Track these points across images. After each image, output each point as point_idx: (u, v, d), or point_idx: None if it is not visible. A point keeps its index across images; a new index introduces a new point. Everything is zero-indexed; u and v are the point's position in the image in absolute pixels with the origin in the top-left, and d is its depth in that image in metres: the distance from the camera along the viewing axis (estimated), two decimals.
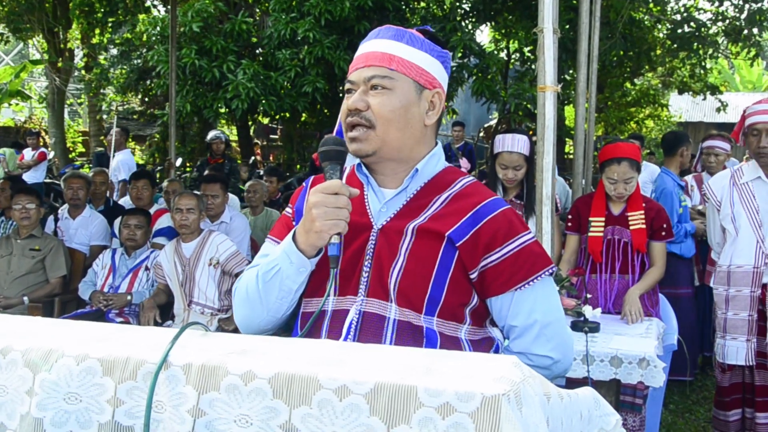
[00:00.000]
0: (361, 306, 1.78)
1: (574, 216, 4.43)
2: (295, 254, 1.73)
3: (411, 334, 1.75)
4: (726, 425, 4.25)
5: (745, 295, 3.99)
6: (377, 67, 1.78)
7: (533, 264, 1.80)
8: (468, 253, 1.77)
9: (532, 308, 1.80)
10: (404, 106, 1.78)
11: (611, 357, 3.46)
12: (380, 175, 1.87)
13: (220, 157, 10.12)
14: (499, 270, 1.78)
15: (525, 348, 1.82)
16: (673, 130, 8.19)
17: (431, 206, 1.82)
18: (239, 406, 1.14)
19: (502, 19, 12.59)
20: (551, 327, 1.82)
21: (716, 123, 23.34)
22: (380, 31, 1.86)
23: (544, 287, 1.83)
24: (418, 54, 1.82)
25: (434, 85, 1.84)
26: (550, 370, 1.84)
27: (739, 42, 13.59)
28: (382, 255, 1.79)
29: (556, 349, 1.82)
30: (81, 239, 6.48)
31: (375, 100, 1.77)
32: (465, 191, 1.85)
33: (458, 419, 1.04)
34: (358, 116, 1.77)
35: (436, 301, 1.76)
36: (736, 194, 4.08)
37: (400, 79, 1.78)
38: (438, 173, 1.89)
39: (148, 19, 13.66)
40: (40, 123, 22.53)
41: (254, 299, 1.82)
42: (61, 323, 1.43)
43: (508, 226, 1.80)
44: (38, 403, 1.22)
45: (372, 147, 1.79)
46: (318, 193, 1.68)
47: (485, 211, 1.80)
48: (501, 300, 1.81)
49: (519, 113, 11.96)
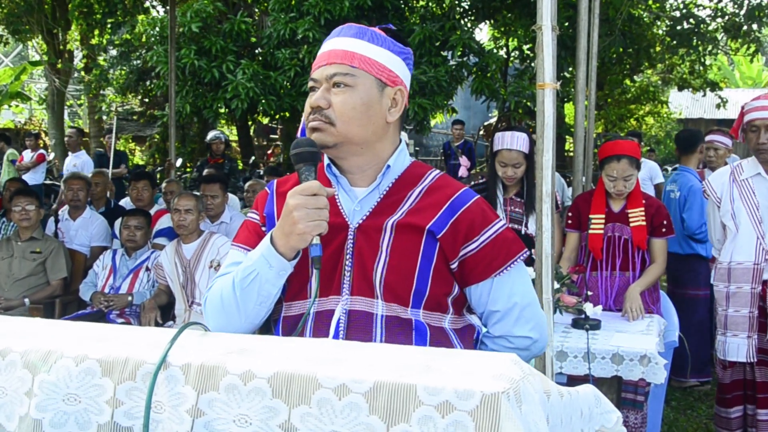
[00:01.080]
0: (346, 305, 1.79)
1: (574, 213, 4.43)
2: (275, 258, 1.73)
3: (400, 328, 1.78)
4: (728, 422, 4.25)
5: (745, 292, 3.98)
6: (339, 65, 1.80)
7: (509, 250, 1.86)
8: (449, 244, 1.81)
9: (511, 292, 1.87)
10: (366, 104, 1.80)
11: (612, 354, 3.46)
12: (349, 174, 1.89)
13: (220, 157, 10.13)
14: (478, 258, 1.83)
15: (506, 331, 1.90)
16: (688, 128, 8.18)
17: (406, 201, 1.85)
18: (238, 405, 1.14)
19: (501, 17, 12.58)
20: (529, 308, 1.90)
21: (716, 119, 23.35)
22: (342, 29, 1.89)
23: (519, 271, 1.89)
24: (380, 51, 1.84)
25: (396, 83, 1.86)
26: (530, 351, 1.93)
27: (738, 38, 13.57)
28: (363, 253, 1.81)
29: (534, 329, 1.91)
30: (81, 240, 6.48)
31: (337, 98, 1.79)
32: (436, 184, 1.89)
33: (458, 417, 1.04)
34: (320, 114, 1.79)
35: (422, 293, 1.80)
36: (736, 190, 4.07)
37: (362, 77, 1.80)
38: (406, 168, 1.92)
39: (147, 20, 13.64)
40: (40, 124, 22.54)
41: (231, 307, 1.81)
42: (59, 324, 1.43)
43: (482, 215, 1.86)
44: (37, 405, 1.22)
45: (332, 139, 1.80)
46: (297, 196, 1.68)
47: (460, 202, 1.85)
48: (480, 287, 1.87)
49: (519, 111, 11.94)
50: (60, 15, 15.78)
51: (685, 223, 5.61)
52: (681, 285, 5.73)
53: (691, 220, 5.56)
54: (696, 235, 5.59)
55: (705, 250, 5.63)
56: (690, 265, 5.72)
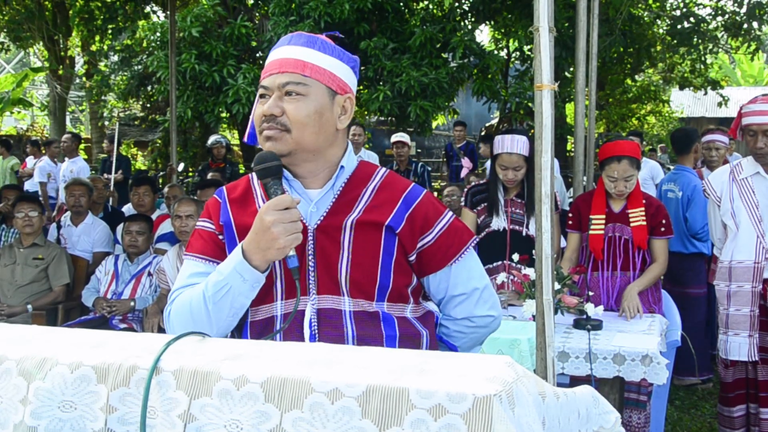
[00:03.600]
0: (315, 304, 1.85)
1: (574, 214, 4.43)
2: (249, 272, 1.76)
3: (369, 321, 1.86)
4: (731, 421, 4.24)
5: (746, 291, 3.97)
6: (291, 74, 1.84)
7: (461, 238, 1.97)
8: (407, 237, 1.89)
9: (469, 276, 2.00)
10: (318, 111, 1.84)
11: (614, 354, 3.45)
12: (302, 177, 1.92)
13: (221, 162, 10.13)
14: (435, 248, 1.93)
15: (469, 312, 2.02)
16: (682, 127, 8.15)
17: (361, 200, 1.90)
18: (230, 411, 1.14)
19: (502, 18, 12.57)
20: (487, 290, 2.04)
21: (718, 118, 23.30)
22: (292, 37, 1.92)
23: (472, 257, 2.02)
24: (330, 60, 1.89)
25: (345, 90, 1.91)
26: (489, 327, 2.07)
27: (739, 36, 13.56)
28: (325, 252, 1.86)
29: (493, 308, 2.05)
30: (84, 246, 6.48)
31: (290, 105, 1.83)
32: (386, 181, 1.96)
33: (450, 420, 1.04)
34: (274, 122, 1.83)
35: (385, 287, 1.88)
36: (736, 190, 4.07)
37: (313, 86, 1.84)
38: (356, 169, 1.97)
39: (148, 25, 13.67)
40: (42, 131, 22.56)
41: (202, 319, 1.81)
42: (55, 331, 1.43)
43: (434, 208, 1.96)
44: (32, 412, 1.22)
45: (287, 147, 1.84)
46: (272, 212, 1.71)
47: (412, 197, 1.93)
48: (439, 275, 1.97)
49: (520, 112, 11.95)
50: (61, 21, 15.81)
51: (688, 222, 5.60)
52: (683, 284, 5.72)
53: (694, 219, 5.55)
54: (699, 235, 5.58)
55: (707, 248, 5.62)
56: (692, 263, 5.72)
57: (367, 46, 10.96)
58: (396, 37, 11.39)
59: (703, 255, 5.69)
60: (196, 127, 15.52)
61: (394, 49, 11.15)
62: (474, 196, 4.51)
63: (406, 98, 10.56)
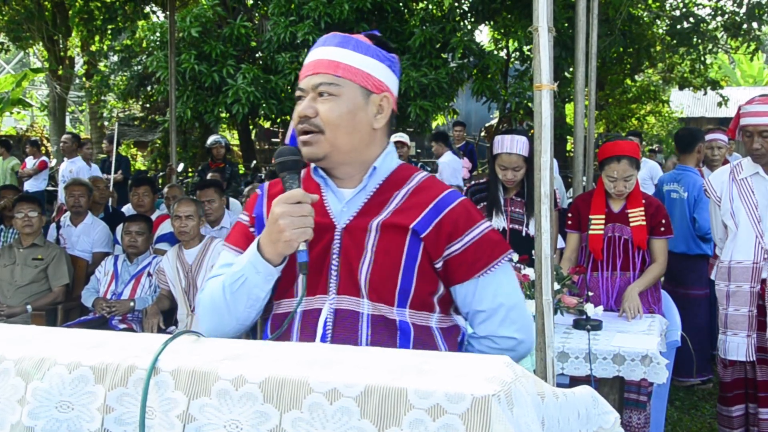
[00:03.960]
0: (333, 304, 1.83)
1: (574, 214, 4.43)
2: (262, 264, 1.78)
3: (386, 328, 1.81)
4: (729, 421, 4.24)
5: (745, 291, 3.98)
6: (324, 75, 1.84)
7: (493, 250, 1.88)
8: (432, 243, 1.83)
9: (496, 293, 1.89)
10: (351, 112, 1.83)
11: (614, 354, 3.45)
12: (336, 177, 1.92)
13: (221, 162, 10.13)
14: (462, 258, 1.85)
15: (491, 331, 1.91)
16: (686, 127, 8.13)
17: (392, 202, 1.88)
18: (229, 411, 1.14)
19: (501, 18, 12.57)
20: (515, 310, 1.91)
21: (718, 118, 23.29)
22: (327, 38, 1.92)
23: (504, 272, 1.91)
24: (364, 59, 1.87)
25: (381, 89, 1.89)
26: (516, 351, 1.92)
27: (738, 36, 13.55)
28: (349, 253, 1.84)
29: (520, 330, 1.92)
30: (83, 246, 6.48)
31: (323, 106, 1.82)
32: (422, 185, 1.92)
33: (448, 421, 1.04)
34: (308, 123, 1.83)
35: (406, 292, 1.83)
36: (736, 189, 4.07)
37: (346, 86, 1.83)
38: (394, 170, 1.94)
39: (148, 25, 13.67)
40: (41, 131, 22.56)
41: (221, 309, 1.85)
42: (54, 331, 1.43)
43: (467, 216, 1.88)
44: (30, 412, 1.22)
45: (323, 151, 1.84)
46: (282, 204, 1.72)
47: (444, 202, 1.87)
48: (465, 287, 1.88)
49: (520, 112, 11.95)
50: (60, 21, 15.80)
51: (697, 223, 5.57)
52: (686, 285, 5.71)
53: (704, 219, 5.49)
54: (708, 235, 5.55)
55: (711, 249, 5.61)
56: (696, 264, 5.71)
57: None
58: (396, 38, 11.40)
59: (706, 256, 5.68)
60: (195, 128, 15.52)
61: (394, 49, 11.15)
62: (474, 195, 4.51)
63: (405, 98, 10.56)
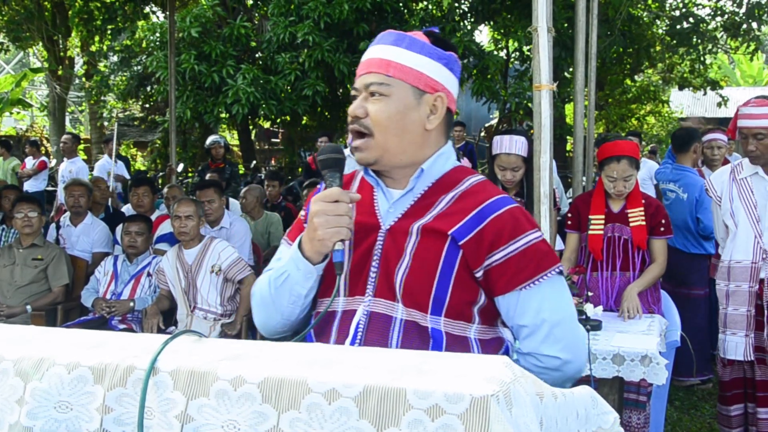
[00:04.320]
0: (368, 306, 1.79)
1: (573, 214, 4.43)
2: (302, 261, 1.77)
3: (417, 335, 1.75)
4: (728, 420, 4.25)
5: (744, 291, 3.98)
6: (375, 74, 1.80)
7: (539, 263, 1.77)
8: (472, 251, 1.75)
9: (540, 307, 1.77)
10: (401, 112, 1.78)
11: (613, 355, 3.45)
12: (388, 177, 1.88)
13: (221, 162, 10.14)
14: (504, 268, 1.76)
15: (534, 348, 1.80)
16: (683, 126, 8.15)
17: (437, 205, 1.81)
18: (228, 411, 1.14)
19: (501, 18, 12.58)
20: (560, 327, 1.79)
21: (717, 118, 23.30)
22: (382, 36, 1.88)
23: (551, 286, 1.79)
24: (417, 58, 1.81)
25: (436, 89, 1.82)
26: (562, 372, 1.81)
27: (738, 36, 13.55)
28: (389, 255, 1.79)
29: (565, 350, 1.79)
30: (83, 246, 6.48)
31: (373, 107, 1.79)
32: (472, 190, 1.84)
33: (447, 421, 1.03)
34: (358, 123, 1.80)
35: (441, 300, 1.76)
36: (735, 189, 4.08)
37: (396, 85, 1.78)
38: (446, 173, 1.88)
39: (147, 26, 13.68)
40: (41, 131, 22.57)
41: (268, 303, 1.86)
42: (53, 331, 1.43)
43: (514, 224, 1.78)
44: (28, 412, 1.22)
45: (373, 155, 1.80)
46: (318, 202, 1.70)
47: (490, 209, 1.78)
48: (507, 299, 1.79)
49: (520, 112, 11.95)
50: (60, 22, 15.82)
51: (701, 223, 5.55)
52: (687, 285, 5.70)
53: (708, 219, 5.46)
54: (713, 235, 5.54)
55: (713, 248, 5.61)
56: (698, 265, 5.71)
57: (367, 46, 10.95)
58: None
59: (706, 256, 5.68)
60: (195, 128, 15.53)
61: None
62: None
63: None
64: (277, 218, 7.42)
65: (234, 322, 5.13)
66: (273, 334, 1.92)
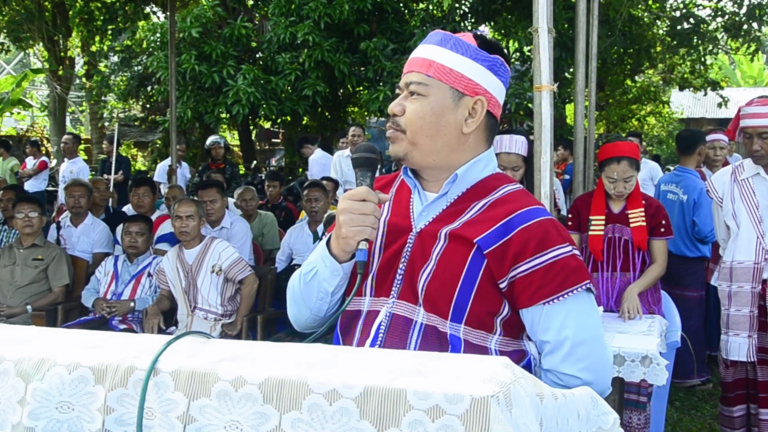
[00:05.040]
0: (391, 308, 1.79)
1: (574, 215, 4.43)
2: (329, 259, 1.78)
3: (436, 340, 1.73)
4: (731, 421, 4.25)
5: (746, 291, 3.98)
6: (416, 73, 1.79)
7: (566, 278, 1.71)
8: (496, 261, 1.72)
9: (563, 324, 1.71)
10: (436, 113, 1.76)
11: (614, 355, 3.45)
12: (424, 179, 1.88)
13: (221, 162, 10.14)
14: (528, 281, 1.71)
15: (554, 366, 1.75)
16: (689, 128, 8.17)
17: (468, 212, 1.79)
18: (229, 412, 1.14)
19: (501, 19, 12.58)
20: (584, 346, 1.72)
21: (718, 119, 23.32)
22: (430, 36, 1.85)
23: (578, 303, 1.73)
24: (460, 60, 1.78)
25: (476, 92, 1.79)
26: None
27: (738, 37, 13.56)
28: (415, 258, 1.79)
29: (587, 370, 1.72)
30: (83, 247, 6.49)
31: (411, 106, 1.78)
32: (505, 198, 1.80)
33: (448, 422, 1.04)
34: (393, 121, 1.80)
35: (462, 308, 1.73)
36: (737, 190, 4.08)
37: (435, 86, 1.77)
38: (483, 179, 1.85)
39: (148, 26, 13.68)
40: (42, 131, 22.58)
41: (299, 299, 1.88)
42: (53, 331, 1.43)
43: (542, 236, 1.72)
44: (30, 413, 1.22)
45: (403, 150, 1.80)
46: (345, 200, 1.71)
47: (519, 220, 1.74)
48: (531, 313, 1.74)
49: (520, 113, 11.95)
50: (61, 22, 15.82)
51: (697, 226, 5.56)
52: (682, 287, 5.70)
53: (703, 223, 5.46)
54: (707, 238, 5.55)
55: (710, 251, 5.62)
56: (694, 267, 5.71)
57: (367, 46, 10.97)
58: (396, 38, 11.41)
59: (702, 258, 5.69)
60: (196, 128, 15.54)
61: (394, 49, 11.16)
62: None
63: None
64: (272, 218, 7.42)
65: (234, 323, 5.13)
66: (305, 329, 1.95)
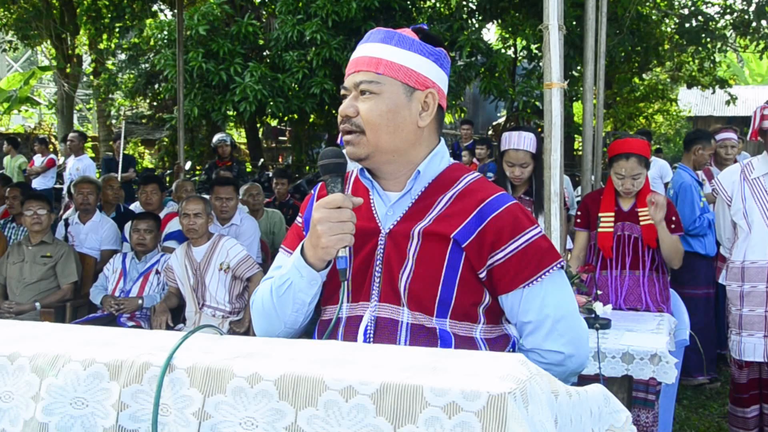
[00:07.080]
0: (374, 311, 1.78)
1: (583, 212, 4.42)
2: (305, 268, 1.75)
3: (425, 337, 1.75)
4: (744, 422, 4.23)
5: (760, 291, 3.96)
6: (365, 72, 1.78)
7: (540, 260, 1.77)
8: (474, 253, 1.75)
9: (543, 304, 1.78)
10: (392, 110, 1.76)
11: (623, 353, 3.44)
12: (383, 179, 1.87)
13: (228, 160, 10.15)
14: (506, 268, 1.76)
15: (537, 345, 1.80)
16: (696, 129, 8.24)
17: (435, 207, 1.80)
18: (245, 408, 1.14)
19: (509, 16, 12.57)
20: (564, 321, 1.80)
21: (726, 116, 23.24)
22: (371, 34, 1.85)
23: (554, 282, 1.80)
24: (407, 55, 1.79)
25: (426, 85, 1.80)
26: (564, 366, 1.82)
27: (747, 35, 13.53)
28: (391, 259, 1.79)
29: (569, 344, 1.80)
30: (92, 244, 6.49)
31: (363, 105, 1.77)
32: (469, 188, 1.83)
33: (465, 418, 1.03)
34: (349, 122, 1.78)
35: (447, 303, 1.76)
36: (748, 189, 4.05)
37: (387, 83, 1.77)
38: (442, 172, 1.86)
39: (155, 24, 13.69)
40: (49, 129, 22.64)
41: (270, 312, 1.84)
42: (68, 328, 1.43)
43: (513, 222, 1.77)
44: (44, 408, 1.22)
45: (364, 151, 1.78)
46: (321, 209, 1.68)
47: (489, 208, 1.77)
48: (511, 297, 1.79)
49: (527, 111, 11.94)
50: (68, 20, 15.85)
51: None
52: (680, 284, 5.68)
53: (681, 214, 5.49)
54: (690, 231, 5.53)
55: (703, 247, 5.59)
56: (688, 263, 5.68)
57: None
58: None
59: (699, 255, 5.65)
60: (203, 126, 15.55)
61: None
62: None
63: None
64: (279, 216, 7.43)
65: (242, 320, 5.13)
66: None
